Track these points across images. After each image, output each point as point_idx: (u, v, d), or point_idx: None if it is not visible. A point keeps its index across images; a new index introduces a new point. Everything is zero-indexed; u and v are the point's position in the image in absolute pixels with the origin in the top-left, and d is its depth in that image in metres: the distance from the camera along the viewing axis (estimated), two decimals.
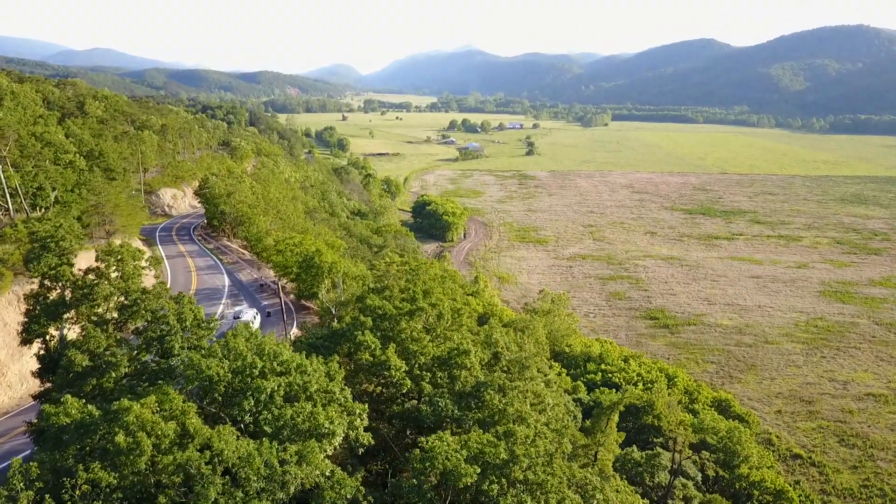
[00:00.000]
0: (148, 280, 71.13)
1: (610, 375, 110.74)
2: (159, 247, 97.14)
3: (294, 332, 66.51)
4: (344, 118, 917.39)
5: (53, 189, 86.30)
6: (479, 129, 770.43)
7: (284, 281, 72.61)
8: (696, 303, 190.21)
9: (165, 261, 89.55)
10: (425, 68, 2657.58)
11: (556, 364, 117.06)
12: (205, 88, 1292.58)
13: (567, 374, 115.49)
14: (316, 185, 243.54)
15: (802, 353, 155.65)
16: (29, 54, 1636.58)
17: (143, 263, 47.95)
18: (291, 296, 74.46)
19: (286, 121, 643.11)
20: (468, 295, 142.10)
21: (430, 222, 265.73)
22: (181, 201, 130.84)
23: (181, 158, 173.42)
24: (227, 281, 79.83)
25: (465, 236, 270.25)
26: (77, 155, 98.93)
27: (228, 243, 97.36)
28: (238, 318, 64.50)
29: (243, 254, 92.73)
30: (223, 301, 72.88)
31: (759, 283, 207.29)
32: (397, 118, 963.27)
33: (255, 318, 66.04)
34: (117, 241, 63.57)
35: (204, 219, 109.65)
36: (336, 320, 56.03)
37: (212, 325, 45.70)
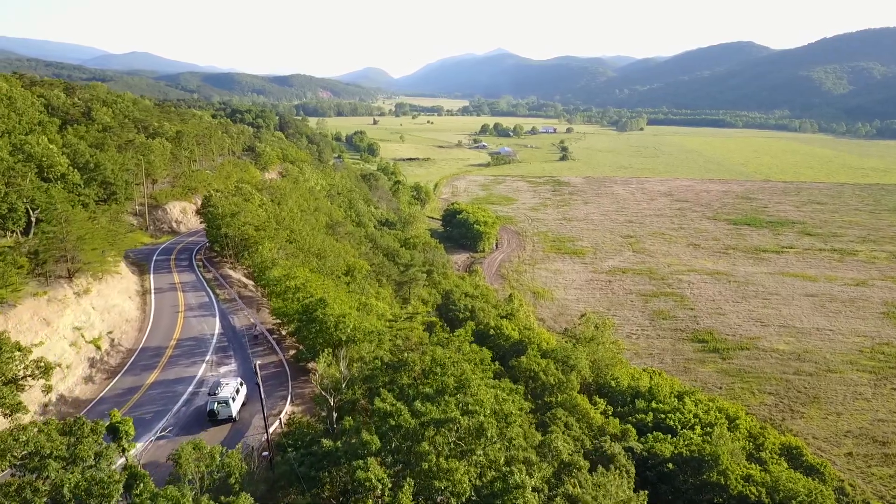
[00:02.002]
0: (126, 329, 61.09)
1: (663, 416, 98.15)
2: (151, 276, 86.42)
3: (287, 411, 54.01)
4: (375, 122, 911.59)
5: (34, 209, 77.46)
6: (512, 133, 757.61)
7: (286, 330, 61.41)
8: (747, 324, 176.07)
9: (153, 295, 78.64)
10: (457, 72, 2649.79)
11: (601, 400, 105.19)
12: (237, 92, 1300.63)
13: (613, 413, 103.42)
14: (343, 192, 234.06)
15: (870, 384, 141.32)
16: (69, 58, 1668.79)
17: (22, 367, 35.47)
18: (293, 351, 61.84)
19: (316, 125, 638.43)
20: (503, 317, 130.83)
21: (460, 231, 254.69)
22: (192, 216, 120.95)
23: (197, 167, 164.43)
24: (217, 327, 67.65)
25: (497, 246, 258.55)
26: (71, 168, 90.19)
27: (231, 272, 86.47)
28: (215, 393, 51.81)
29: (246, 286, 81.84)
30: (207, 358, 60.56)
31: (815, 303, 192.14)
32: (428, 122, 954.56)
33: (237, 392, 53.12)
34: (80, 284, 53.83)
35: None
36: (333, 419, 44.40)
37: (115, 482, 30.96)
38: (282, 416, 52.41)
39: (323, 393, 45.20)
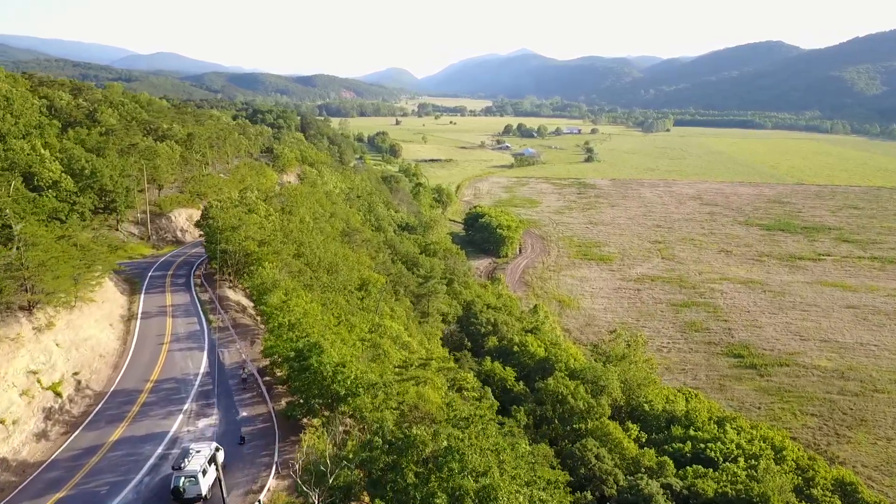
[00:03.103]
0: (99, 367, 53.90)
1: (703, 446, 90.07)
2: (142, 297, 77.31)
3: (270, 486, 44.01)
4: (397, 122, 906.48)
5: (21, 219, 71.93)
6: (535, 134, 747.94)
7: (280, 371, 52.29)
8: (785, 337, 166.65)
9: (138, 321, 69.33)
10: (480, 72, 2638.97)
11: (634, 426, 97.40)
12: (261, 91, 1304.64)
13: (648, 441, 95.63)
14: (363, 195, 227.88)
15: None
16: (98, 59, 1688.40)
17: None
18: (286, 400, 51.39)
19: (339, 125, 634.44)
20: (527, 332, 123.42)
21: (482, 236, 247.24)
22: None
23: (210, 171, 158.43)
24: (203, 364, 58.50)
25: (520, 251, 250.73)
26: (64, 174, 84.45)
27: (230, 292, 78.31)
28: (181, 466, 41.02)
29: (244, 308, 74.05)
30: (185, 407, 51.17)
31: (857, 315, 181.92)
32: (451, 122, 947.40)
33: (209, 463, 42.07)
34: (42, 317, 47.50)
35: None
36: None
37: None
38: (262, 496, 42.66)
39: (304, 487, 36.99)
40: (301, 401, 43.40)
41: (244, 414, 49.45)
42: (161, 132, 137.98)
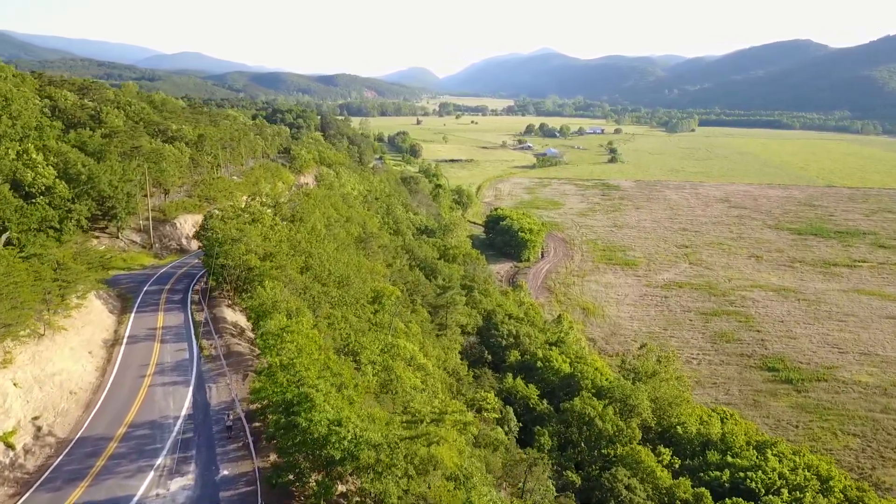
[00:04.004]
0: (67, 407, 46.71)
1: (742, 475, 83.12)
2: (132, 316, 70.18)
3: None
4: (418, 122, 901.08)
5: (4, 230, 67.22)
6: (558, 134, 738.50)
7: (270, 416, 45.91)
8: (823, 350, 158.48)
9: (123, 347, 61.87)
10: (502, 72, 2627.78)
11: (667, 450, 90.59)
12: (283, 91, 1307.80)
13: (681, 467, 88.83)
14: (381, 197, 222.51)
15: None
16: (123, 58, 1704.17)
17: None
18: (275, 458, 42.71)
19: (359, 125, 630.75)
20: (551, 345, 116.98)
21: (503, 239, 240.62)
22: None
23: (223, 173, 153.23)
24: (186, 404, 51.21)
25: (542, 255, 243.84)
26: (58, 180, 79.48)
27: (228, 311, 70.94)
28: None
29: (242, 331, 67.84)
30: (159, 461, 43.52)
31: None
32: (472, 122, 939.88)
33: None
34: None
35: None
36: None
37: None
38: None
39: None
40: (288, 464, 36.78)
41: (225, 473, 42.55)
42: (170, 133, 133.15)
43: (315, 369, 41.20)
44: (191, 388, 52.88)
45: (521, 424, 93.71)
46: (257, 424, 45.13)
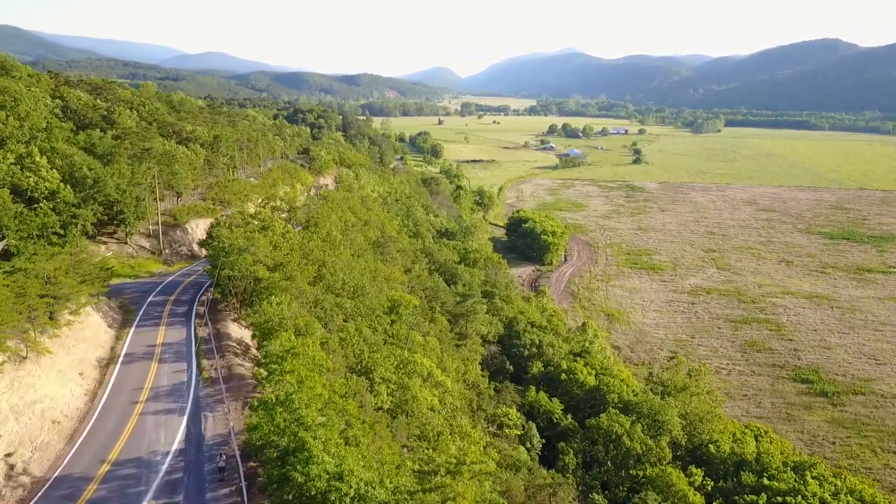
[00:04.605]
0: (48, 439, 42.71)
1: (780, 500, 77.92)
2: (131, 331, 65.89)
3: None
4: (440, 122, 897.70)
5: (1, 238, 64.33)
6: (581, 134, 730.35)
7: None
8: (859, 361, 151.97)
9: (118, 367, 57.46)
10: (524, 71, 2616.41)
11: (698, 471, 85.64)
12: (305, 91, 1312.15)
13: (714, 489, 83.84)
14: (401, 199, 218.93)
15: None
16: (148, 58, 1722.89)
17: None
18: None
19: (381, 125, 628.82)
20: (575, 356, 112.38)
21: (525, 242, 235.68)
22: None
23: (239, 175, 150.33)
24: (178, 437, 46.39)
25: (565, 259, 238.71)
26: (63, 185, 76.43)
27: (234, 326, 68.10)
28: None
29: (247, 349, 64.19)
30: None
31: None
32: (494, 122, 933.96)
33: None
34: None
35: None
36: None
37: None
38: None
39: None
40: None
41: None
42: (185, 135, 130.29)
43: (317, 405, 37.23)
44: (185, 418, 48.08)
45: (543, 441, 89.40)
46: (253, 464, 40.34)
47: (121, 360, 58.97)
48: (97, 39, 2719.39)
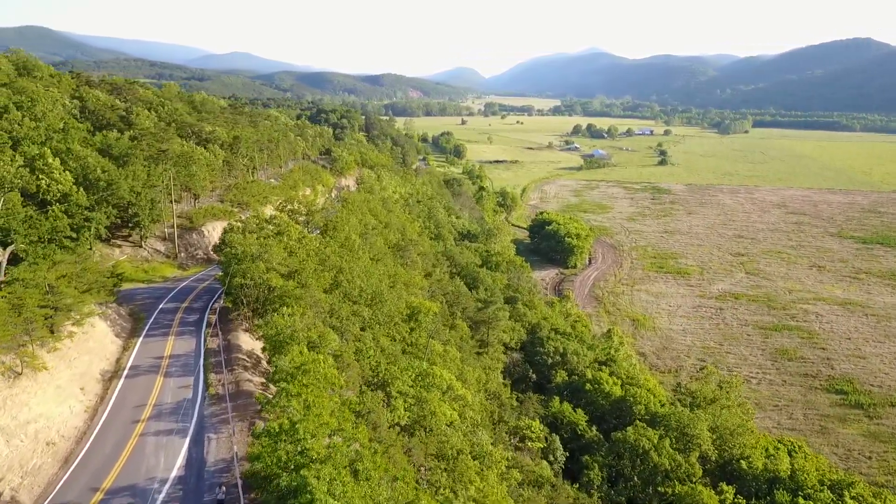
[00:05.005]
0: (42, 463, 40.23)
1: None
2: (139, 341, 63.18)
3: None
4: (463, 122, 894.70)
5: (9, 243, 62.75)
6: (605, 135, 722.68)
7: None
8: None
9: (122, 381, 54.73)
10: (548, 71, 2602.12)
11: (729, 488, 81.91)
12: (329, 91, 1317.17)
13: None
14: (423, 200, 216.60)
15: None
16: (174, 59, 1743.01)
17: None
18: None
19: (404, 125, 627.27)
20: (600, 364, 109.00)
21: (549, 244, 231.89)
22: None
23: (259, 176, 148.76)
24: (179, 461, 43.45)
25: (590, 262, 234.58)
26: (76, 187, 74.86)
27: (244, 337, 65.17)
28: None
29: (256, 364, 60.88)
30: None
31: None
32: (518, 122, 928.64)
33: None
34: None
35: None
36: None
37: None
38: None
39: None
40: None
41: None
42: (204, 135, 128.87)
43: (324, 433, 34.58)
44: (187, 441, 45.07)
45: (567, 454, 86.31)
46: (254, 496, 37.47)
47: (125, 373, 56.65)
48: (125, 40, 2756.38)
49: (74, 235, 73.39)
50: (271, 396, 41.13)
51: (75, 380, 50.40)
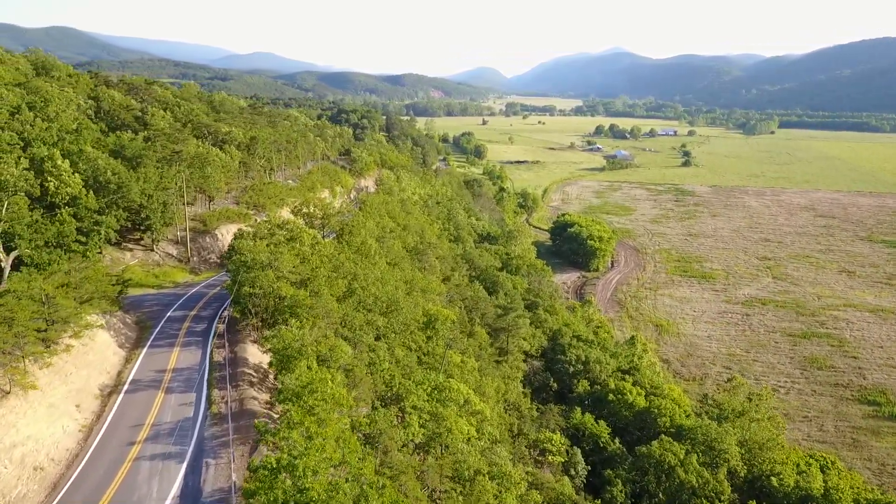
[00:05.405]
0: (27, 490, 37.88)
1: None
2: (143, 352, 60.75)
3: None
4: (484, 122, 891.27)
5: (13, 248, 61.10)
6: (628, 136, 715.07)
7: None
8: None
9: (121, 397, 52.09)
10: (570, 71, 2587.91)
11: None
12: (351, 91, 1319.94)
13: None
14: (443, 201, 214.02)
15: None
16: (197, 59, 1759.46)
17: None
18: None
19: (425, 125, 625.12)
20: (623, 373, 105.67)
21: (571, 247, 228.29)
22: None
23: (276, 178, 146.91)
24: (173, 493, 40.29)
25: (612, 265, 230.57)
26: (85, 190, 73.06)
27: (252, 349, 62.63)
28: None
29: (263, 379, 57.76)
30: None
31: None
32: (539, 122, 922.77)
33: None
34: None
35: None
36: None
37: None
38: None
39: None
40: None
41: None
42: (220, 136, 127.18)
43: (326, 468, 31.92)
44: (184, 467, 42.70)
45: (588, 467, 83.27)
46: None
47: (126, 388, 54.12)
48: (150, 40, 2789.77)
49: (83, 239, 71.88)
50: (271, 425, 38.47)
51: (71, 396, 48.34)
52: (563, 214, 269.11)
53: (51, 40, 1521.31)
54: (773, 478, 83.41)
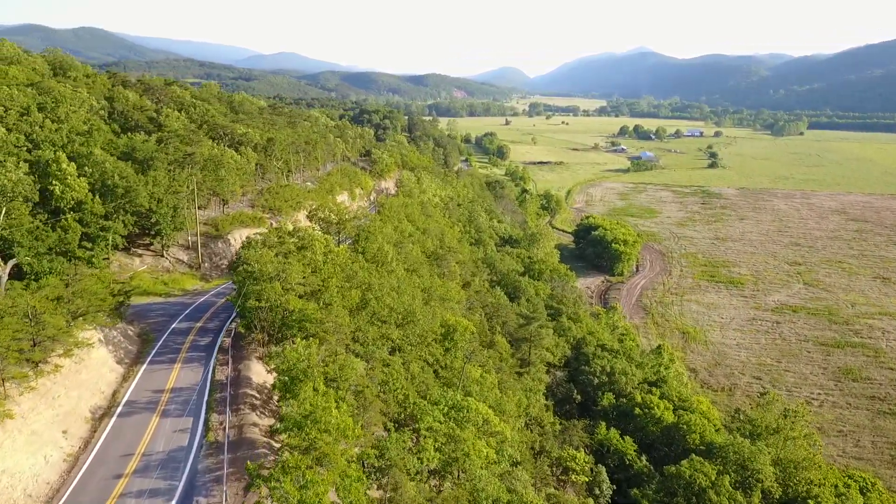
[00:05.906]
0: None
1: None
2: (142, 368, 57.52)
3: None
4: (507, 122, 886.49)
5: (11, 256, 58.93)
6: (653, 136, 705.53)
7: None
8: None
9: (112, 421, 48.74)
10: (594, 71, 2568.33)
11: None
12: (373, 91, 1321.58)
13: None
14: (464, 203, 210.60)
15: None
16: (222, 59, 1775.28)
17: None
18: None
19: (447, 125, 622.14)
20: (650, 385, 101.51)
21: (595, 250, 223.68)
22: None
23: (294, 180, 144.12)
24: None
25: (637, 269, 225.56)
26: (91, 195, 70.73)
27: (257, 367, 58.89)
28: None
29: (267, 401, 54.11)
30: None
31: None
32: (563, 123, 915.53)
33: None
34: None
35: None
36: None
37: None
38: None
39: None
40: None
41: None
42: (237, 137, 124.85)
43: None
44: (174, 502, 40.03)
45: (613, 486, 79.42)
46: None
47: (119, 410, 50.71)
48: (176, 41, 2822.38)
49: (89, 246, 69.64)
50: (270, 458, 35.21)
51: (58, 421, 45.16)
52: (587, 217, 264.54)
53: (79, 41, 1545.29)
54: (809, 500, 78.82)
